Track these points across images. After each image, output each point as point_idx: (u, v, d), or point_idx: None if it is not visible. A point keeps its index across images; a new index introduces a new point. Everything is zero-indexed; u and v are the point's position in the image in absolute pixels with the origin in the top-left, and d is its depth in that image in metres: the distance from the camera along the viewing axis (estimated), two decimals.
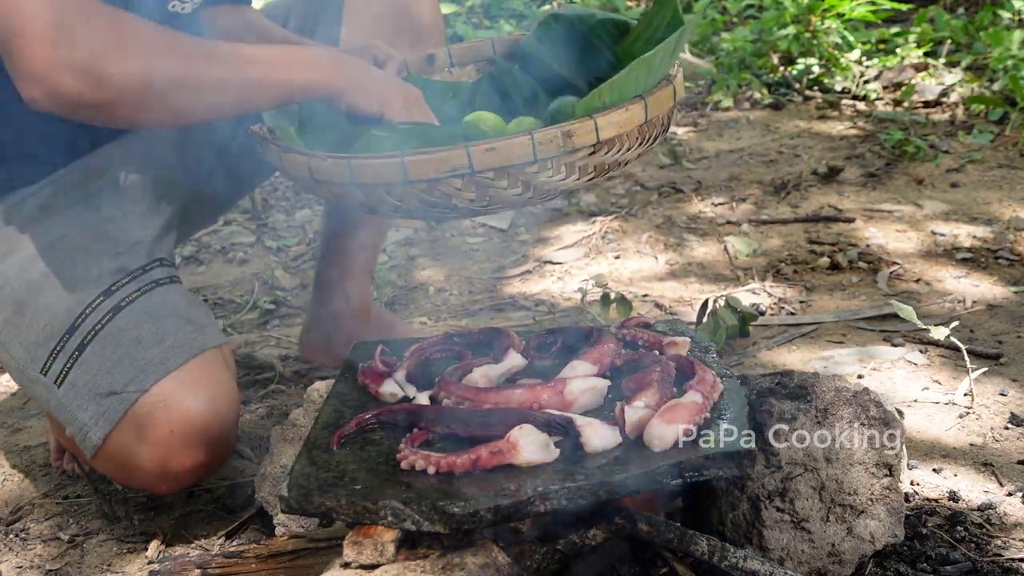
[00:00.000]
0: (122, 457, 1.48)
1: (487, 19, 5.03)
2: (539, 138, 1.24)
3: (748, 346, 2.13)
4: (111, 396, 1.46)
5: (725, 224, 2.84)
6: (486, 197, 1.27)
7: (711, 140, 3.58)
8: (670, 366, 1.31)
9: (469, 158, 1.22)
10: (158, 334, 1.50)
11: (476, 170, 1.23)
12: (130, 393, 1.46)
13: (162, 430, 1.45)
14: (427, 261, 2.75)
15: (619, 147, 1.32)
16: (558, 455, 1.16)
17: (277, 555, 1.30)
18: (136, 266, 1.58)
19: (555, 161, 1.26)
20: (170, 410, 1.45)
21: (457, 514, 1.07)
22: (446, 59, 1.71)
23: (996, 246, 2.58)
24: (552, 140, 1.24)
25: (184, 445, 1.46)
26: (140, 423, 1.45)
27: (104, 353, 1.48)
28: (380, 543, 1.11)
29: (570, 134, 1.25)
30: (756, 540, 1.28)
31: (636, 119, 1.31)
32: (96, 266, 1.55)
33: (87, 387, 1.48)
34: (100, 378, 1.47)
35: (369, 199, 1.30)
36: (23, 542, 1.60)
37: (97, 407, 1.47)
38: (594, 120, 1.26)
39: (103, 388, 1.47)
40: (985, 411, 1.81)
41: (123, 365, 1.47)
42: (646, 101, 1.31)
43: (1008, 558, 1.39)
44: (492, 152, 1.23)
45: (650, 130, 1.37)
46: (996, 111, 3.48)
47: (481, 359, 1.40)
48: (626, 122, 1.29)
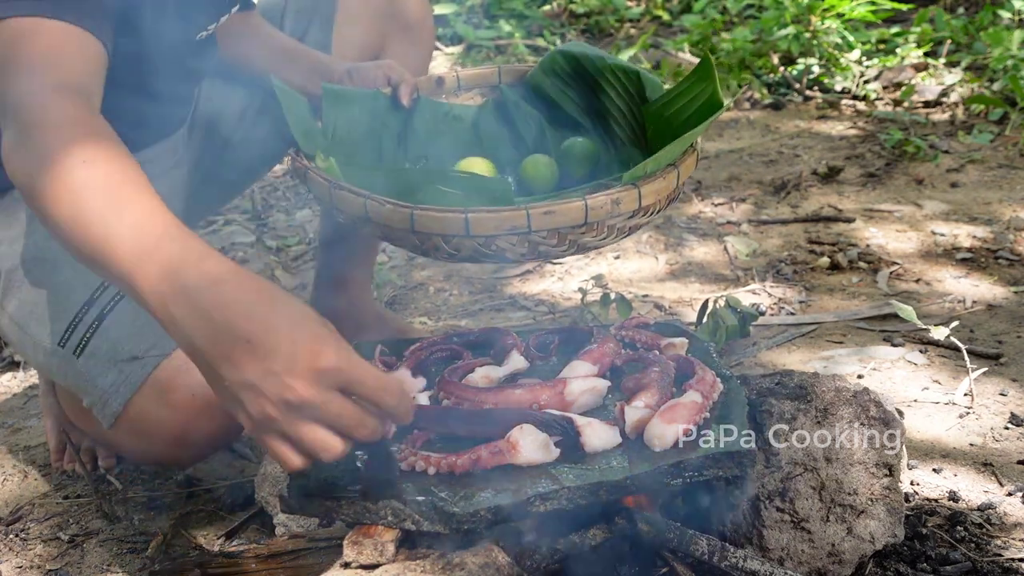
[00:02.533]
0: (142, 424, 1.49)
1: (487, 19, 5.03)
2: (591, 203, 1.34)
3: (748, 346, 2.13)
4: (133, 361, 1.47)
5: (725, 224, 2.84)
6: (536, 252, 1.38)
7: (711, 140, 3.58)
8: (670, 366, 1.31)
9: (528, 219, 1.32)
10: None
11: (533, 230, 1.33)
12: (152, 357, 1.46)
13: (183, 394, 1.45)
14: (427, 261, 2.74)
15: (652, 211, 1.43)
16: (558, 455, 1.16)
17: (277, 555, 1.30)
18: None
19: (600, 223, 1.36)
20: (192, 374, 1.43)
21: (457, 514, 1.08)
22: (454, 83, 1.78)
23: (996, 246, 2.58)
24: (602, 206, 1.34)
25: (204, 410, 1.46)
26: (161, 387, 1.46)
27: (124, 321, 1.49)
28: (380, 543, 1.11)
29: (618, 201, 1.35)
30: (756, 540, 1.28)
31: (671, 187, 1.42)
32: None
33: (108, 354, 1.49)
34: (121, 345, 1.48)
35: (423, 244, 1.37)
36: (23, 542, 1.60)
37: (119, 373, 1.48)
38: (638, 189, 1.36)
39: (124, 354, 1.48)
40: (985, 411, 1.81)
41: (144, 332, 1.47)
42: (678, 170, 1.42)
43: (1008, 558, 1.39)
44: (549, 216, 1.33)
45: (675, 193, 1.48)
46: (996, 111, 3.47)
47: (482, 360, 1.40)
48: (663, 190, 1.41)
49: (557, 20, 5.21)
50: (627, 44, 4.56)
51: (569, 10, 5.28)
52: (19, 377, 2.17)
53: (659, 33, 4.86)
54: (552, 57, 1.73)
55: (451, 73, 1.79)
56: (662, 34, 4.86)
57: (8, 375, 2.19)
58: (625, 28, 5.08)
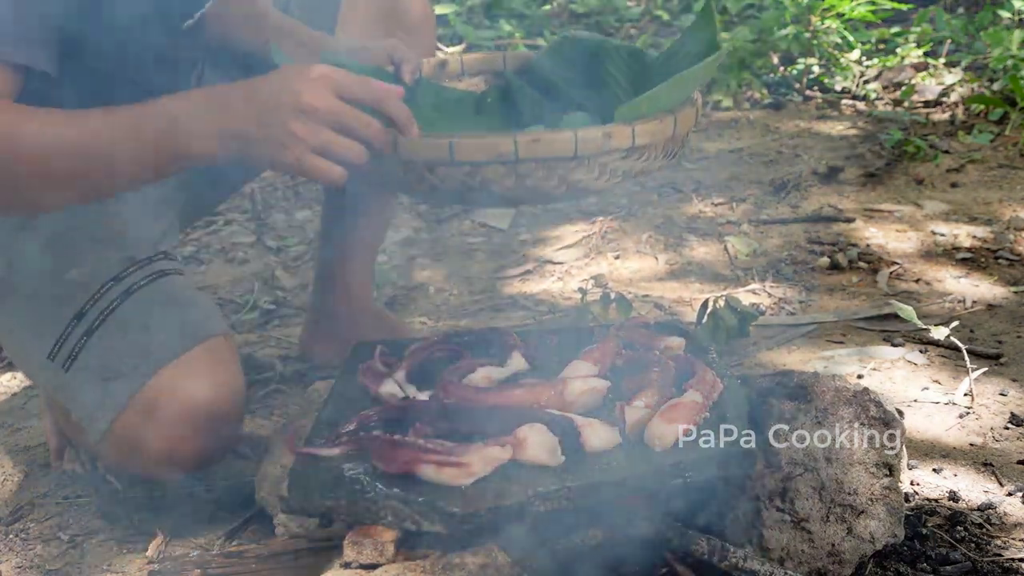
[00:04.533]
0: (128, 442, 1.48)
1: (487, 19, 5.03)
2: (581, 135, 1.31)
3: (748, 346, 2.13)
4: (118, 380, 1.46)
5: (725, 224, 2.84)
6: (524, 187, 1.33)
7: (711, 140, 3.58)
8: (670, 366, 1.31)
9: (515, 146, 1.28)
10: (165, 320, 1.50)
11: (520, 158, 1.29)
12: (137, 377, 1.46)
13: (168, 415, 1.45)
14: (427, 261, 2.74)
15: (647, 156, 1.40)
16: (563, 461, 1.15)
17: (277, 555, 1.30)
18: (143, 256, 1.59)
19: (591, 160, 1.32)
20: (176, 395, 1.45)
21: (457, 514, 1.08)
22: (458, 67, 1.77)
23: (996, 246, 2.58)
24: (593, 139, 1.31)
25: (190, 430, 1.46)
26: (146, 408, 1.45)
27: (112, 338, 1.49)
28: (380, 543, 1.11)
29: (610, 135, 1.33)
30: (756, 540, 1.27)
31: (667, 131, 1.39)
32: (104, 255, 1.56)
33: (95, 371, 1.48)
34: (108, 362, 1.48)
35: (408, 175, 1.34)
36: (23, 542, 1.60)
37: (104, 391, 1.47)
38: (632, 127, 1.33)
39: (111, 372, 1.47)
40: (985, 411, 1.81)
41: (131, 350, 1.47)
42: (676, 117, 1.39)
43: (1008, 558, 1.39)
44: (537, 143, 1.29)
45: (673, 145, 1.45)
46: (996, 111, 3.47)
47: (483, 360, 1.40)
48: (658, 132, 1.37)
49: (557, 20, 5.21)
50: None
51: (569, 10, 5.28)
52: (19, 377, 2.17)
53: (659, 33, 4.86)
54: (556, 42, 1.75)
55: (455, 57, 1.79)
56: (662, 34, 4.86)
57: (8, 375, 2.19)
58: (625, 28, 5.08)
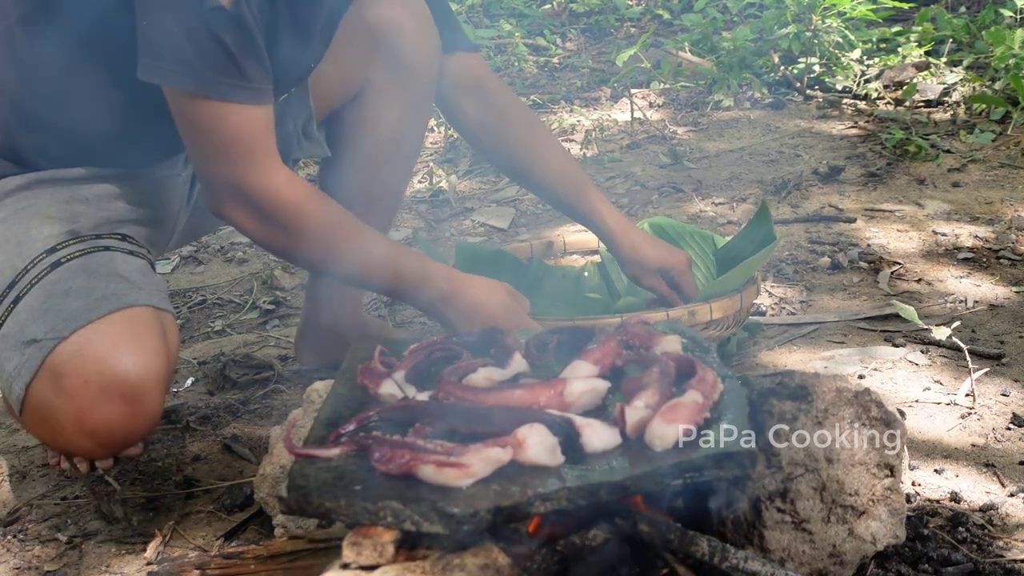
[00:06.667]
0: (43, 411, 1.46)
1: (487, 18, 5.03)
2: (672, 314, 1.77)
3: (748, 346, 2.12)
4: (32, 344, 1.44)
5: (725, 224, 2.83)
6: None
7: (712, 140, 3.58)
8: (670, 366, 1.30)
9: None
10: (88, 287, 1.48)
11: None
12: (48, 341, 1.43)
13: (76, 380, 1.42)
14: None
15: (722, 326, 1.86)
16: (563, 462, 1.15)
17: (276, 556, 1.29)
18: (89, 233, 1.57)
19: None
20: (85, 359, 1.42)
21: (457, 514, 1.07)
22: (561, 248, 2.28)
23: (998, 246, 2.57)
24: (681, 316, 1.76)
25: (99, 398, 1.43)
26: (56, 372, 1.43)
27: (34, 304, 1.47)
28: (380, 544, 1.10)
29: (694, 312, 1.80)
30: (757, 541, 1.27)
31: (735, 307, 1.87)
32: (49, 229, 1.54)
33: (14, 337, 1.46)
34: (26, 328, 1.46)
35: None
36: (21, 543, 1.59)
37: (20, 357, 1.45)
38: (710, 305, 1.82)
39: (27, 336, 1.45)
40: (987, 411, 1.81)
41: (49, 315, 1.45)
42: (742, 295, 1.89)
43: (1010, 559, 1.39)
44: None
45: (741, 315, 1.92)
46: (998, 110, 3.47)
47: (483, 360, 1.39)
48: (729, 307, 1.85)
49: (557, 19, 5.21)
50: (627, 43, 4.56)
51: (569, 9, 5.28)
52: None
53: (659, 32, 4.86)
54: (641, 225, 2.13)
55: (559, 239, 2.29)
56: (663, 33, 4.86)
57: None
58: (626, 27, 5.08)
